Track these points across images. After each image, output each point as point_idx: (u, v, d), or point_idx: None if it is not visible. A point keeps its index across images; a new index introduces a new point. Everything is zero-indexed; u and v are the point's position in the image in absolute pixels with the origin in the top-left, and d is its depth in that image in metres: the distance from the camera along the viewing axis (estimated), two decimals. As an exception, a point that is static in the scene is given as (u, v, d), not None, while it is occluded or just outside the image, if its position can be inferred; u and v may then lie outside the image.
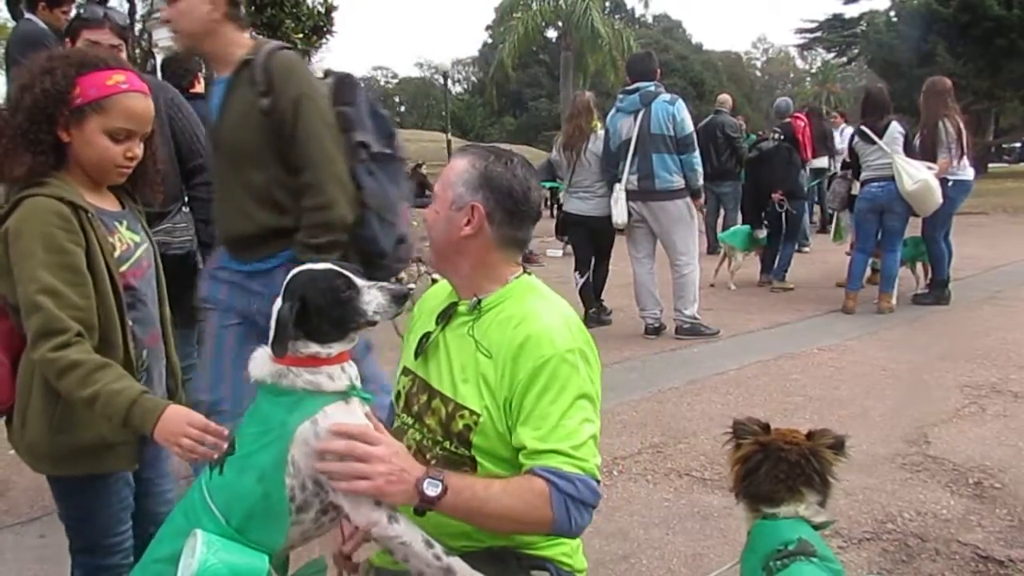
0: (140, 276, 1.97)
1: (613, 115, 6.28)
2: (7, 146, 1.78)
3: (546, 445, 1.59)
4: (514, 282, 1.78)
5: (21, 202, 1.76)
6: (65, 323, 1.70)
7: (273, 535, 1.56)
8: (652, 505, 3.38)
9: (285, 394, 1.55)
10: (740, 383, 5.00)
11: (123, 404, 1.66)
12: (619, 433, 4.19)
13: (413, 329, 1.93)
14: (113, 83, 1.80)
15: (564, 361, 1.62)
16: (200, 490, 1.59)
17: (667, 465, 3.78)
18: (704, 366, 5.40)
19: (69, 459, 1.85)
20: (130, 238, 1.96)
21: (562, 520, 1.56)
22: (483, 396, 1.67)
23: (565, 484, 1.56)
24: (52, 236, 1.73)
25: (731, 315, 6.92)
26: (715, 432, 4.14)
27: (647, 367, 5.49)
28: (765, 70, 71.18)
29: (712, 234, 10.42)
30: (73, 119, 1.79)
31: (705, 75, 48.04)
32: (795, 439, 1.86)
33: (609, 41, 29.47)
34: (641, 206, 6.11)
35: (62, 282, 1.72)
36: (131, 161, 1.87)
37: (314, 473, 1.52)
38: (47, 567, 2.94)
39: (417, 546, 1.54)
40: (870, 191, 6.77)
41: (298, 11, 12.01)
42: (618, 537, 3.12)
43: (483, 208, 1.70)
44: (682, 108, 6.09)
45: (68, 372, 1.67)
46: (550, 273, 8.64)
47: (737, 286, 8.21)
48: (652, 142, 5.99)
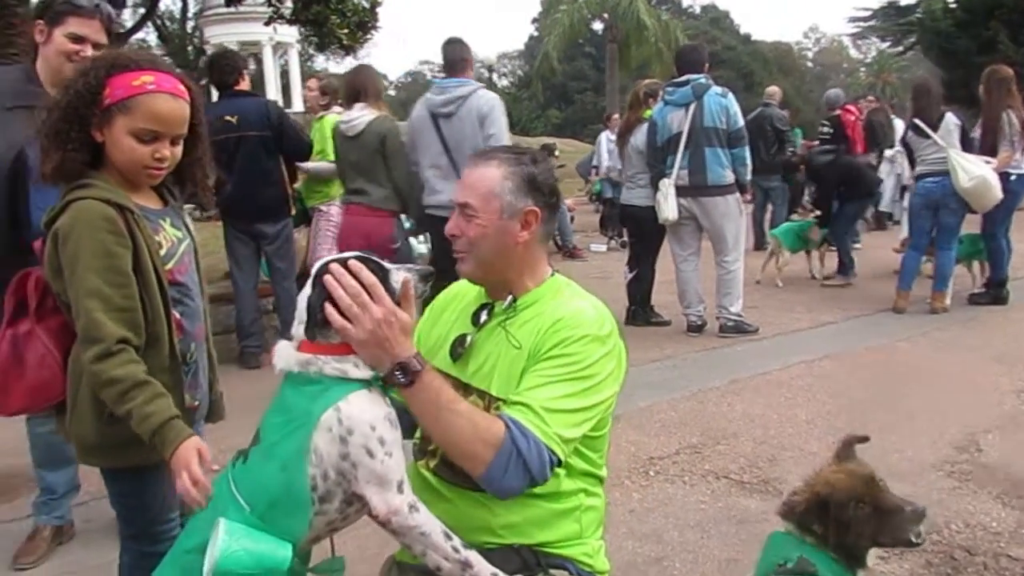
0: (184, 271, 2.01)
1: (661, 108, 6.15)
2: (44, 144, 1.82)
3: (521, 397, 1.62)
4: (549, 280, 1.83)
5: (70, 204, 1.79)
6: (105, 330, 1.73)
7: (296, 524, 1.56)
8: (688, 507, 3.33)
9: (310, 383, 1.57)
10: (783, 384, 4.89)
11: (148, 429, 1.70)
12: (657, 433, 4.13)
13: (439, 321, 1.93)
14: (139, 84, 1.81)
15: (578, 340, 1.66)
16: (226, 479, 1.61)
17: (705, 466, 3.72)
18: (746, 365, 5.30)
19: (118, 451, 1.88)
20: (173, 235, 1.99)
21: (497, 469, 1.56)
22: (511, 386, 1.68)
23: (519, 436, 1.56)
24: (100, 239, 1.76)
25: (776, 313, 6.79)
26: (755, 433, 4.07)
27: (688, 365, 5.41)
28: (817, 60, 69.69)
29: (759, 230, 10.25)
30: (103, 119, 1.81)
31: (754, 66, 47.22)
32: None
33: (655, 33, 29.13)
34: (691, 202, 6.00)
35: (108, 284, 1.76)
36: (160, 163, 1.87)
37: (337, 463, 1.53)
38: (90, 552, 3.00)
39: (436, 537, 1.55)
40: (924, 186, 6.56)
41: (343, 7, 12.01)
42: (651, 539, 3.08)
43: (539, 211, 1.73)
44: (734, 101, 5.99)
45: (107, 387, 1.73)
46: (592, 268, 8.59)
47: (784, 283, 8.04)
48: (705, 136, 5.88)
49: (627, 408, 4.38)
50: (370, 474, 1.53)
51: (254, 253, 5.51)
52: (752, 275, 8.02)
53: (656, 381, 5.00)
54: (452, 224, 1.78)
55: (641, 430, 4.15)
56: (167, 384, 1.83)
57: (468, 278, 1.83)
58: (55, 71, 2.64)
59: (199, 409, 2.08)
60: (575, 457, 1.73)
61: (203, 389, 2.10)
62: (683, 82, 6.02)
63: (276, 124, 5.29)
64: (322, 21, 12.71)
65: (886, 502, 1.80)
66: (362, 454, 1.52)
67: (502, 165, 1.75)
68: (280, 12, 12.96)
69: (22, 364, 1.90)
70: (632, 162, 6.52)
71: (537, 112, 49.63)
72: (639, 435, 4.08)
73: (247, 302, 5.47)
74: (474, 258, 1.76)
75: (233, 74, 5.35)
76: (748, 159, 6.03)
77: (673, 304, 6.43)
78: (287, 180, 5.51)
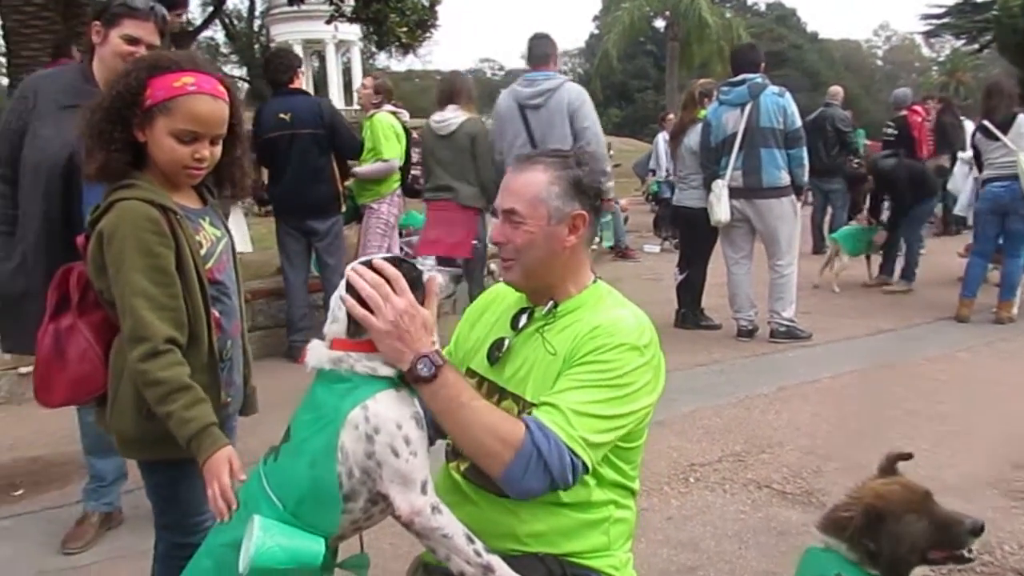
0: (223, 270, 2.04)
1: (716, 108, 6.05)
2: (87, 144, 1.86)
3: (550, 398, 1.60)
4: (592, 287, 1.80)
5: (114, 204, 1.83)
6: (153, 329, 1.77)
7: (326, 520, 1.58)
8: (727, 516, 3.27)
9: (340, 380, 1.58)
10: (833, 393, 4.77)
11: (186, 434, 1.74)
12: (700, 439, 4.07)
13: (477, 324, 1.93)
14: (180, 85, 1.83)
15: (615, 348, 1.63)
16: (258, 476, 1.63)
17: (747, 475, 3.64)
18: (796, 373, 5.18)
19: (156, 445, 1.91)
20: (212, 234, 2.02)
21: (517, 469, 1.53)
22: (546, 393, 1.65)
23: (540, 437, 1.53)
24: (143, 240, 1.79)
25: (831, 319, 6.63)
26: (801, 443, 3.98)
27: (735, 371, 5.32)
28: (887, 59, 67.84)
29: (819, 233, 10.01)
30: (145, 120, 1.84)
31: (820, 65, 46.21)
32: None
33: (717, 31, 28.70)
34: (745, 204, 5.88)
35: (153, 284, 1.79)
36: (200, 163, 1.89)
37: (362, 461, 1.53)
38: (137, 538, 3.08)
39: (459, 540, 1.54)
40: (992, 191, 6.33)
41: (402, 5, 12.15)
42: (688, 547, 3.03)
43: (586, 214, 1.72)
44: (791, 101, 5.86)
45: (151, 387, 1.76)
46: (644, 269, 8.52)
47: (841, 289, 7.84)
48: (761, 136, 5.76)
49: (670, 413, 4.33)
50: (394, 473, 1.53)
51: (305, 249, 5.61)
52: (809, 280, 7.87)
53: (702, 386, 4.92)
54: (497, 231, 1.76)
55: (683, 436, 4.10)
56: (205, 382, 1.87)
57: (514, 285, 1.81)
58: (110, 71, 2.70)
59: (232, 404, 2.12)
60: (606, 467, 1.70)
61: (237, 385, 2.13)
62: (739, 81, 5.91)
63: (328, 122, 5.37)
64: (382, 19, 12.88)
65: (943, 514, 1.75)
66: (387, 453, 1.52)
67: (548, 169, 1.72)
68: (341, 10, 13.18)
69: (64, 358, 1.94)
70: (685, 162, 6.45)
71: (597, 111, 49.34)
72: (681, 441, 4.03)
73: (297, 297, 5.56)
74: (521, 265, 1.74)
75: (287, 72, 5.44)
76: (805, 160, 5.90)
77: (724, 308, 6.33)
78: (338, 177, 5.58)
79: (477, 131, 5.40)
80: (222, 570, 1.60)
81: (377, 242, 5.93)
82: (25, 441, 4.24)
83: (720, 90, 6.11)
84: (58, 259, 2.64)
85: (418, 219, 7.34)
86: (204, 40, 32.59)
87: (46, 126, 2.68)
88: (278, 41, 27.23)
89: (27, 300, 2.72)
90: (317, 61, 33.81)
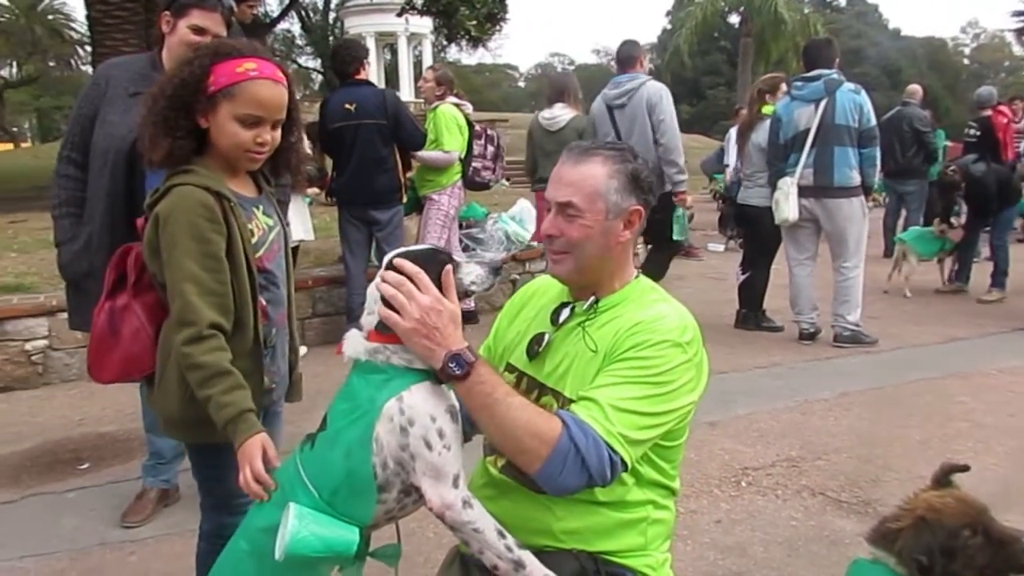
0: (272, 259, 2.07)
1: (787, 103, 5.86)
2: (151, 132, 1.90)
3: (587, 393, 1.57)
4: (634, 282, 1.77)
5: (171, 189, 1.88)
6: (199, 314, 1.80)
7: (361, 509, 1.59)
8: (778, 523, 3.19)
9: (376, 371, 1.59)
10: (897, 401, 4.61)
11: (223, 418, 1.77)
12: (754, 442, 3.99)
13: (516, 319, 1.91)
14: (242, 70, 1.86)
15: (656, 345, 1.59)
16: (294, 464, 1.65)
17: (801, 481, 3.55)
18: (859, 379, 5.03)
19: (197, 427, 1.95)
20: (265, 222, 2.05)
21: (555, 465, 1.49)
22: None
23: (577, 432, 1.50)
24: (197, 226, 1.83)
25: (900, 325, 6.41)
26: (860, 451, 3.86)
27: (795, 375, 5.18)
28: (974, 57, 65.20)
29: (891, 236, 9.70)
30: (208, 106, 1.87)
31: (901, 63, 44.74)
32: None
33: (793, 27, 28.01)
34: (814, 203, 5.70)
35: (203, 269, 1.83)
36: (262, 147, 1.92)
37: (396, 452, 1.54)
38: (191, 515, 3.16)
39: (489, 534, 1.54)
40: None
41: (473, -1, 12.20)
42: (735, 552, 2.97)
43: (642, 209, 1.70)
44: (867, 99, 5.66)
45: (193, 370, 1.80)
46: (708, 268, 8.39)
47: (913, 294, 7.58)
48: (835, 134, 5.57)
49: (725, 415, 4.25)
50: (427, 466, 1.53)
51: (366, 238, 5.68)
52: (879, 284, 7.63)
53: (759, 389, 4.82)
54: (550, 224, 1.71)
55: (737, 438, 4.02)
56: (248, 368, 1.90)
57: (564, 279, 1.77)
58: (177, 60, 2.78)
59: (276, 390, 2.15)
60: (645, 466, 1.67)
61: (282, 372, 2.16)
62: (813, 77, 5.71)
63: (392, 113, 5.43)
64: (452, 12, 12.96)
65: (1000, 531, 1.66)
66: (420, 445, 1.52)
67: (607, 162, 1.68)
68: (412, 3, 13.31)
69: (117, 336, 2.00)
70: (751, 160, 6.31)
71: (666, 107, 48.71)
72: (735, 443, 3.95)
73: (357, 286, 5.63)
74: (575, 260, 1.70)
75: (353, 64, 5.51)
76: (878, 160, 5.71)
77: (787, 309, 6.17)
78: (401, 168, 5.63)
79: (583, 127, 5.94)
80: (258, 553, 1.63)
81: (437, 233, 5.97)
82: (93, 417, 4.41)
83: (793, 85, 5.93)
84: (121, 241, 2.72)
85: (479, 211, 7.37)
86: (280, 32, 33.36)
87: (114, 112, 2.76)
88: (352, 33, 27.65)
89: (92, 280, 2.82)
90: (389, 54, 34.22)
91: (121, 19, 8.86)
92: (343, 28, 32.23)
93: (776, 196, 5.78)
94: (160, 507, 3.32)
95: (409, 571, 2.64)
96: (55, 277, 4.25)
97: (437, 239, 5.92)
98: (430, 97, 6.22)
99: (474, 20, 12.97)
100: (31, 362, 4.92)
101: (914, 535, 1.66)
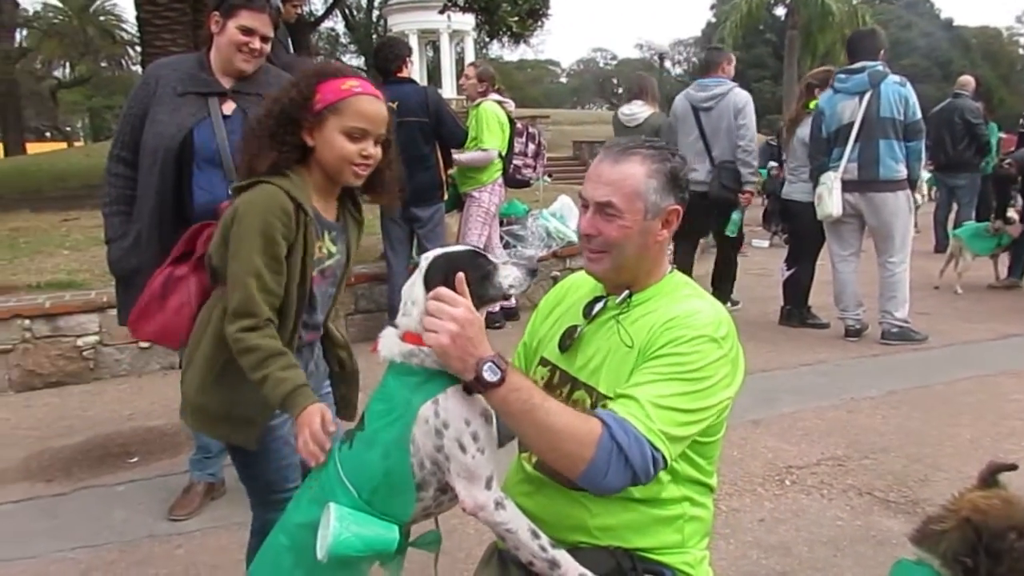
0: (318, 283, 2.12)
1: (831, 96, 5.73)
2: (259, 145, 1.99)
3: (627, 391, 1.55)
4: (667, 277, 1.76)
5: (259, 184, 1.96)
6: (259, 307, 1.89)
7: (400, 508, 1.61)
8: (823, 522, 3.14)
9: (411, 373, 1.59)
10: (947, 399, 4.51)
11: (281, 393, 1.83)
12: (798, 441, 3.93)
13: (550, 315, 1.91)
14: (347, 87, 1.95)
15: (692, 340, 1.58)
16: (333, 463, 1.67)
17: (847, 480, 3.50)
18: (907, 376, 4.92)
19: (209, 421, 2.07)
20: (328, 248, 2.11)
21: (599, 466, 1.47)
22: (620, 385, 1.62)
23: (619, 432, 1.48)
24: (271, 225, 1.90)
25: (951, 322, 6.27)
26: (909, 450, 3.79)
27: (841, 372, 5.09)
28: (1030, 48, 63.37)
29: (942, 231, 9.47)
30: (315, 123, 1.95)
31: (953, 53, 43.61)
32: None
33: (841, 18, 27.47)
34: (858, 198, 5.57)
35: (267, 268, 1.91)
36: (366, 160, 1.99)
37: (432, 454, 1.56)
38: (236, 510, 3.22)
39: (523, 535, 1.54)
40: None
41: (514, -6, 12.20)
42: (779, 551, 2.93)
43: (680, 208, 1.69)
44: (912, 91, 5.53)
45: (248, 353, 1.87)
46: (753, 264, 8.27)
47: (965, 290, 7.40)
48: (880, 127, 5.44)
49: (769, 412, 4.20)
50: (461, 468, 1.54)
51: (408, 236, 5.72)
52: (930, 279, 7.47)
53: (804, 386, 4.75)
54: (588, 223, 1.70)
55: (781, 437, 3.96)
56: None
57: (600, 277, 1.76)
58: (226, 60, 2.83)
59: None
60: (682, 462, 1.66)
61: None
62: (857, 69, 5.59)
63: (434, 110, 5.45)
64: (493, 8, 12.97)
65: None
66: (455, 448, 1.54)
67: (646, 161, 1.66)
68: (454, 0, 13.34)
69: (164, 302, 2.12)
70: (796, 154, 6.23)
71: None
72: (779, 442, 3.90)
73: (399, 283, 5.60)
74: (612, 259, 1.69)
75: (396, 61, 5.55)
76: (923, 154, 5.58)
77: (833, 306, 6.06)
78: (442, 166, 5.66)
79: (660, 124, 6.32)
80: (296, 548, 1.66)
81: (477, 230, 5.98)
82: (142, 411, 4.51)
83: (836, 77, 5.80)
84: (169, 238, 2.80)
85: (519, 208, 7.37)
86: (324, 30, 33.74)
87: (164, 111, 2.81)
88: (394, 31, 27.87)
89: (140, 276, 2.87)
90: (431, 51, 34.38)
91: (169, 20, 9.03)
92: (386, 26, 32.46)
93: (819, 191, 5.66)
94: (207, 501, 3.38)
95: (450, 566, 2.66)
96: (106, 274, 4.35)
97: (478, 236, 5.93)
98: (472, 94, 6.23)
99: (516, 16, 12.97)
100: (82, 357, 5.04)
101: (959, 537, 1.62)
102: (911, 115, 5.44)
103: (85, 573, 2.90)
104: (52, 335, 4.96)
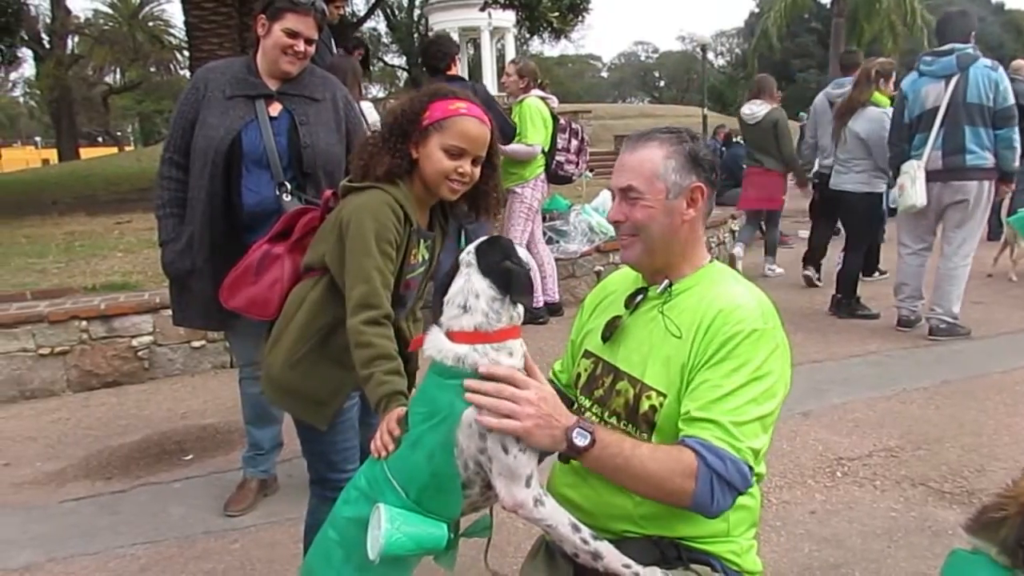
0: (405, 289, 2.20)
1: (915, 80, 5.42)
2: (375, 151, 2.10)
3: (706, 414, 1.55)
4: (707, 266, 1.77)
5: (374, 189, 2.06)
6: (383, 301, 1.98)
7: (448, 506, 1.64)
8: (876, 514, 3.10)
9: (453, 376, 1.59)
10: (1004, 389, 4.40)
11: (380, 394, 1.88)
12: (849, 432, 3.87)
13: (595, 311, 1.92)
14: (454, 108, 2.05)
15: (747, 337, 1.59)
16: (381, 465, 1.70)
17: (900, 472, 3.44)
18: (962, 366, 4.82)
19: (286, 395, 2.18)
20: (422, 255, 2.20)
21: (704, 496, 1.50)
22: (670, 377, 1.64)
23: (714, 460, 1.50)
24: (386, 228, 2.02)
25: (1005, 311, 6.12)
26: (964, 440, 3.71)
27: (893, 363, 5.00)
28: (1087, 28, 61.26)
29: (995, 218, 9.21)
30: (421, 137, 2.06)
31: (1005, 38, 42.40)
32: None
33: (888, 6, 26.85)
34: (941, 188, 5.25)
35: (385, 266, 2.01)
36: (462, 176, 2.08)
37: (475, 455, 1.58)
38: (289, 505, 3.29)
39: (563, 530, 1.56)
40: None
41: (555, -10, 12.17)
42: (831, 543, 2.90)
43: (704, 187, 1.71)
44: (1005, 76, 5.23)
45: (363, 348, 1.94)
46: (797, 256, 8.12)
47: (1019, 278, 7.21)
48: (967, 112, 5.13)
49: (819, 404, 4.15)
50: (502, 467, 1.56)
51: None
52: (983, 268, 7.28)
53: (854, 377, 4.68)
54: (615, 210, 1.75)
55: (832, 428, 3.91)
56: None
57: (633, 263, 1.79)
58: (271, 63, 2.88)
59: None
60: None
61: None
62: (945, 51, 5.28)
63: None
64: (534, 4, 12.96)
65: None
66: (497, 449, 1.56)
67: (663, 144, 1.71)
68: (496, -4, 13.35)
69: (258, 276, 2.26)
70: (847, 146, 6.06)
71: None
72: (829, 434, 3.85)
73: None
74: (641, 242, 1.73)
75: (444, 59, 5.58)
76: (1017, 143, 5.18)
77: (883, 296, 5.95)
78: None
79: (778, 118, 7.40)
80: (345, 544, 1.71)
81: (520, 226, 5.99)
82: (196, 410, 4.61)
83: (922, 60, 5.47)
84: (220, 239, 2.88)
85: (562, 204, 7.36)
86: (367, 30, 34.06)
87: (213, 115, 2.87)
88: (436, 29, 27.99)
89: (193, 278, 2.96)
90: (472, 48, 34.50)
91: (216, 24, 9.21)
92: (428, 25, 32.66)
93: (901, 180, 5.35)
94: (260, 497, 3.43)
95: (500, 559, 2.68)
96: (159, 275, 4.46)
97: (521, 232, 5.94)
98: (514, 91, 6.23)
99: (556, 11, 12.94)
100: (137, 357, 5.17)
101: (1021, 523, 1.59)
102: (1001, 101, 5.12)
103: (144, 568, 2.96)
104: (108, 336, 5.09)
